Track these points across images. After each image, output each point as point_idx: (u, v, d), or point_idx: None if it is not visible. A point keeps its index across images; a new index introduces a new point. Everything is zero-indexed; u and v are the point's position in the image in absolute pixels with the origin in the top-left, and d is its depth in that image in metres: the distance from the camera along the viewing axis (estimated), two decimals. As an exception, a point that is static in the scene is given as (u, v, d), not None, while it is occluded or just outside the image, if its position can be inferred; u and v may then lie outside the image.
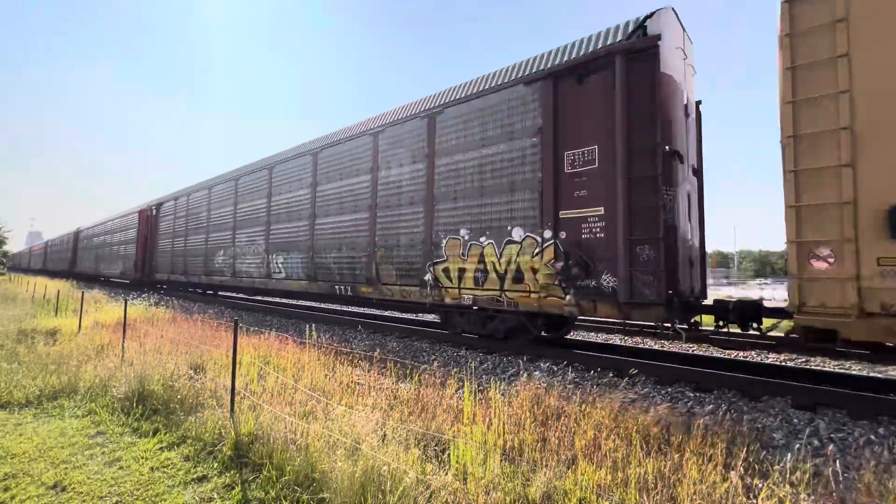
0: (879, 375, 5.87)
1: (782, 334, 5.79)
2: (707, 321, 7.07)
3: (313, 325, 8.66)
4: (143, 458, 3.68)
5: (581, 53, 6.39)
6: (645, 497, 2.59)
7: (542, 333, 7.22)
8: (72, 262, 35.97)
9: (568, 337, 8.51)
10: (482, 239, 7.15)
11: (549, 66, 6.73)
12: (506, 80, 7.20)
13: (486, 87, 7.45)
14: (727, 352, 7.37)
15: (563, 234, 6.22)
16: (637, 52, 5.70)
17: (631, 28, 5.98)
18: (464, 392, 4.07)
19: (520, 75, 7.06)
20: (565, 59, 6.55)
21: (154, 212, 20.73)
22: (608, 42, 6.12)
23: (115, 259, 24.88)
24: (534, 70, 6.91)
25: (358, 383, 5.09)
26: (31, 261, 64.66)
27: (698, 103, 7.17)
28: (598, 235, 5.91)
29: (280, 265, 11.72)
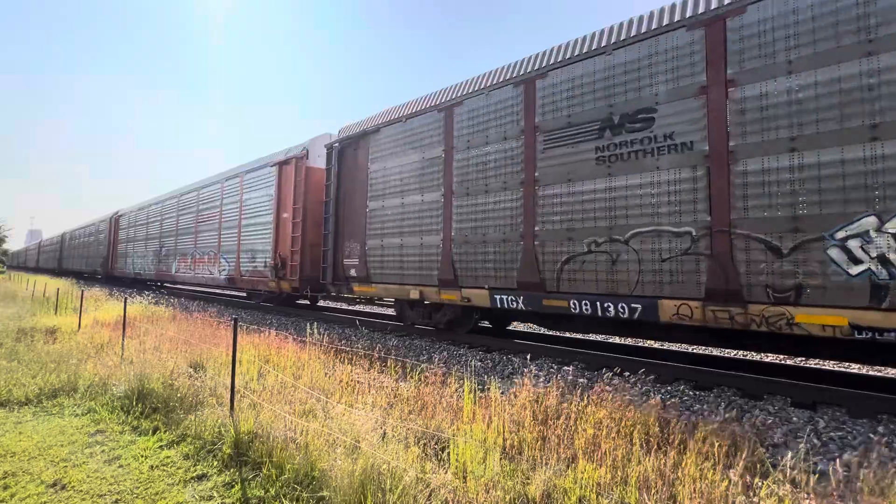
0: (878, 374, 5.87)
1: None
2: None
3: (313, 323, 8.65)
4: (142, 456, 3.68)
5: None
6: (645, 495, 2.58)
7: None
8: (108, 260, 24.96)
9: (568, 335, 8.51)
10: None
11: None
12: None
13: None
14: (727, 351, 7.37)
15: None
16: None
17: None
18: (464, 390, 4.06)
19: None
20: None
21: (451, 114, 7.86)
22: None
23: (251, 253, 12.61)
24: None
25: (358, 381, 5.09)
26: (41, 258, 52.27)
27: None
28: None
29: None
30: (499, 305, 6.85)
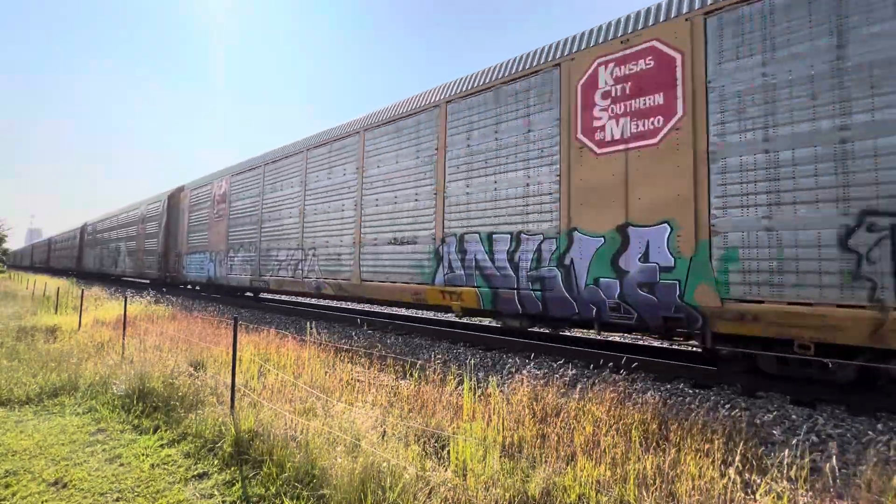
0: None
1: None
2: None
3: (313, 322, 8.66)
4: (143, 454, 3.69)
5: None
6: (644, 492, 2.59)
7: None
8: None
9: (567, 334, 8.52)
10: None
11: None
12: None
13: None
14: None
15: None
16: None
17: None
18: (463, 389, 4.07)
19: None
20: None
21: None
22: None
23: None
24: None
25: (358, 380, 5.10)
26: (84, 255, 32.19)
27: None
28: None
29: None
30: None
